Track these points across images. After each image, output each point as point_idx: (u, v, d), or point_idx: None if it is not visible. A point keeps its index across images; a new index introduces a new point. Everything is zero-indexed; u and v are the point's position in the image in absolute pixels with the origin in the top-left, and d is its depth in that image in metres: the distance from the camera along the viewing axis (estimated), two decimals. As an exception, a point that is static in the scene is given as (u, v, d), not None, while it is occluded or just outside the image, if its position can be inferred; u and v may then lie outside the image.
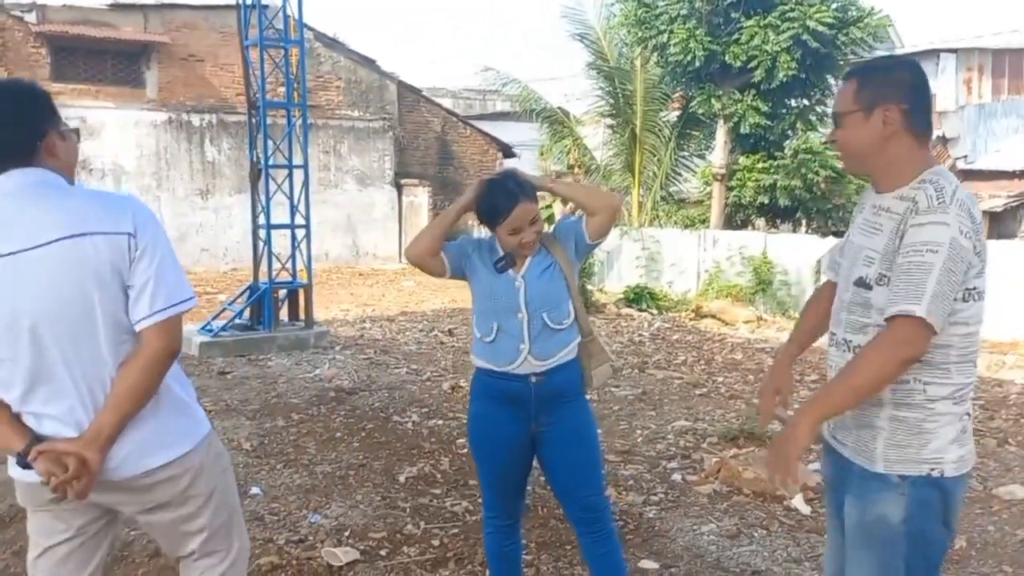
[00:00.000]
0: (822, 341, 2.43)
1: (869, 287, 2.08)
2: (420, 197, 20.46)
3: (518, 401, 2.87)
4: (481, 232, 3.21)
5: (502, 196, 2.80)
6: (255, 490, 4.69)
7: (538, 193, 2.88)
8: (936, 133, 23.36)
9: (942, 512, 2.08)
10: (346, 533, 4.07)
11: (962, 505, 2.19)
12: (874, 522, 2.08)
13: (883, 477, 2.07)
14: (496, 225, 2.82)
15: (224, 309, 9.71)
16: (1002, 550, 4.14)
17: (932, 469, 2.05)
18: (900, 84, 2.12)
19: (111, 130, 17.17)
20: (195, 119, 18.04)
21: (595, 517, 2.95)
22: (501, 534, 3.07)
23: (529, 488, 4.25)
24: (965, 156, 23.37)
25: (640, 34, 16.64)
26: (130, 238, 2.05)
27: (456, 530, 4.14)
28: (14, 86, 2.17)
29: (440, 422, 6.27)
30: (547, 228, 2.97)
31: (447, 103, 25.96)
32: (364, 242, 20.23)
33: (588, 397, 3.06)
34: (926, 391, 2.04)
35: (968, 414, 2.12)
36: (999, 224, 18.21)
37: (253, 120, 9.47)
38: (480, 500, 4.51)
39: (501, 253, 2.88)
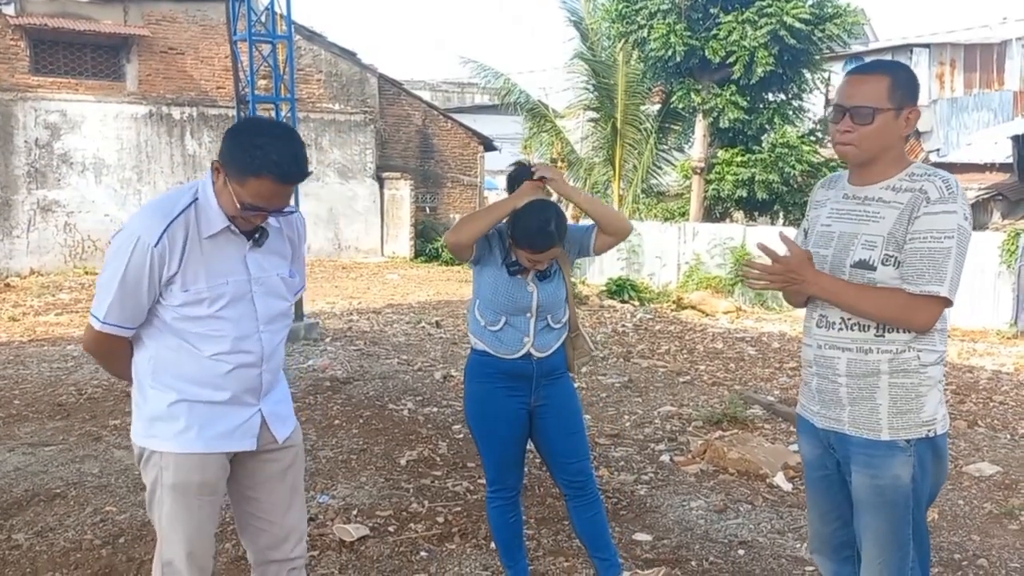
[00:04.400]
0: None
1: (873, 268, 2.27)
2: (402, 190, 20.55)
3: (521, 377, 3.13)
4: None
5: (540, 236, 2.97)
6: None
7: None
8: (909, 126, 23.74)
9: (933, 465, 2.32)
10: (354, 512, 4.25)
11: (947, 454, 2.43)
12: (888, 485, 2.29)
13: (891, 444, 2.29)
14: (521, 248, 3.01)
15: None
16: (971, 521, 4.41)
17: (929, 430, 2.30)
18: (917, 88, 2.32)
19: (91, 123, 17.14)
20: (175, 112, 18.04)
21: (583, 482, 3.21)
22: (507, 506, 3.27)
23: (526, 469, 4.45)
24: (938, 149, 23.82)
25: (621, 29, 16.87)
26: None
27: (459, 508, 4.34)
28: None
29: (435, 409, 6.46)
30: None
31: (425, 96, 26.03)
32: (346, 235, 20.31)
33: (575, 384, 3.35)
34: (919, 358, 2.28)
35: (944, 376, 2.39)
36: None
37: (242, 114, 9.58)
38: (480, 481, 4.74)
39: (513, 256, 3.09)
